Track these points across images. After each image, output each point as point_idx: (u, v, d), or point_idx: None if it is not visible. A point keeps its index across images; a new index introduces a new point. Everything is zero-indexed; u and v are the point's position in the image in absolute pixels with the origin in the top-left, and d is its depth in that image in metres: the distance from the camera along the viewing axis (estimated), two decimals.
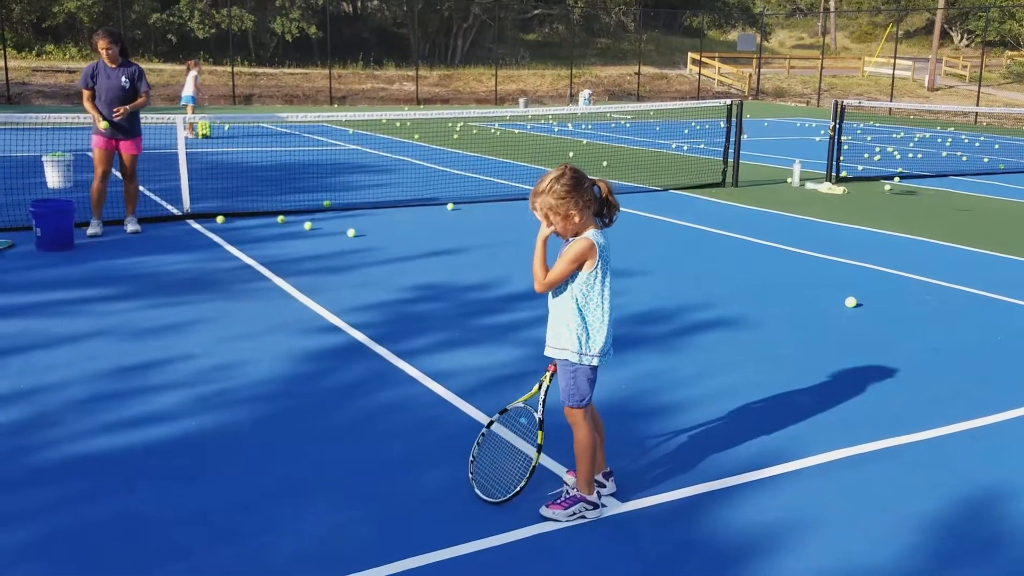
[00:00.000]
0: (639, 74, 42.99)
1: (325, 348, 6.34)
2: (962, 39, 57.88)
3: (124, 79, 9.65)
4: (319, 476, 4.46)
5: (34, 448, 4.67)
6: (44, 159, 13.03)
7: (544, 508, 4.07)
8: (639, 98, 41.25)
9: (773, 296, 7.96)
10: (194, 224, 10.64)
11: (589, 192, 3.88)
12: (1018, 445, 4.99)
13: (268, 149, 18.96)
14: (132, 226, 10.13)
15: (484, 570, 3.67)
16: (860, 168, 17.24)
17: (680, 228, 11.01)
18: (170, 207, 11.53)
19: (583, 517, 4.05)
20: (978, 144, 24.14)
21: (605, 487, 4.28)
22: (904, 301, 7.93)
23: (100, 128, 9.55)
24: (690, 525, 4.05)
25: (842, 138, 15.35)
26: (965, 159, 20.01)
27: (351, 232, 10.12)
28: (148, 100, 9.91)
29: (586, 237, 3.87)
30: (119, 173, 10.07)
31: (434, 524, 4.00)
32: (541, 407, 4.19)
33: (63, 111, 11.07)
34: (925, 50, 52.25)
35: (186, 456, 4.64)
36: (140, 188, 12.12)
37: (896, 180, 15.82)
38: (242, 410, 5.23)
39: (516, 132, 24.12)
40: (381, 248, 9.59)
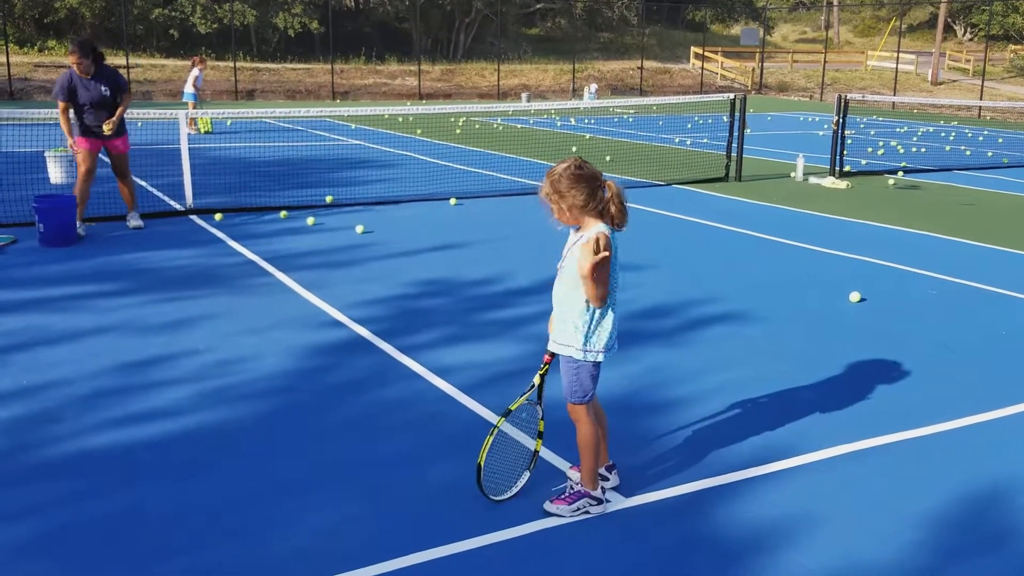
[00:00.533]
0: (642, 68, 42.92)
1: (328, 344, 6.33)
2: (965, 33, 57.73)
3: (104, 87, 9.41)
4: (322, 472, 4.45)
5: (36, 444, 4.67)
6: (46, 155, 13.02)
7: (548, 504, 4.06)
8: (642, 92, 41.19)
9: (777, 291, 7.94)
10: (197, 220, 10.63)
11: (595, 189, 3.86)
12: (1020, 440, 4.96)
13: (270, 144, 18.94)
14: (135, 222, 10.11)
15: (488, 566, 3.66)
16: (864, 162, 17.20)
17: (683, 223, 10.99)
18: (173, 203, 11.53)
19: (587, 512, 4.04)
20: (982, 138, 24.07)
21: (608, 480, 4.27)
22: (908, 296, 7.91)
23: (69, 147, 9.48)
24: (694, 520, 4.04)
25: (845, 132, 15.31)
26: (969, 153, 19.96)
27: (359, 228, 10.08)
28: (128, 99, 9.73)
29: (598, 232, 3.85)
30: (113, 171, 10.03)
31: (437, 520, 3.99)
32: (539, 399, 4.18)
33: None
34: (928, 44, 52.14)
35: (188, 452, 4.63)
36: (143, 183, 12.14)
37: (900, 174, 15.78)
38: (245, 406, 5.22)
39: (519, 127, 24.08)
40: (384, 243, 9.57)
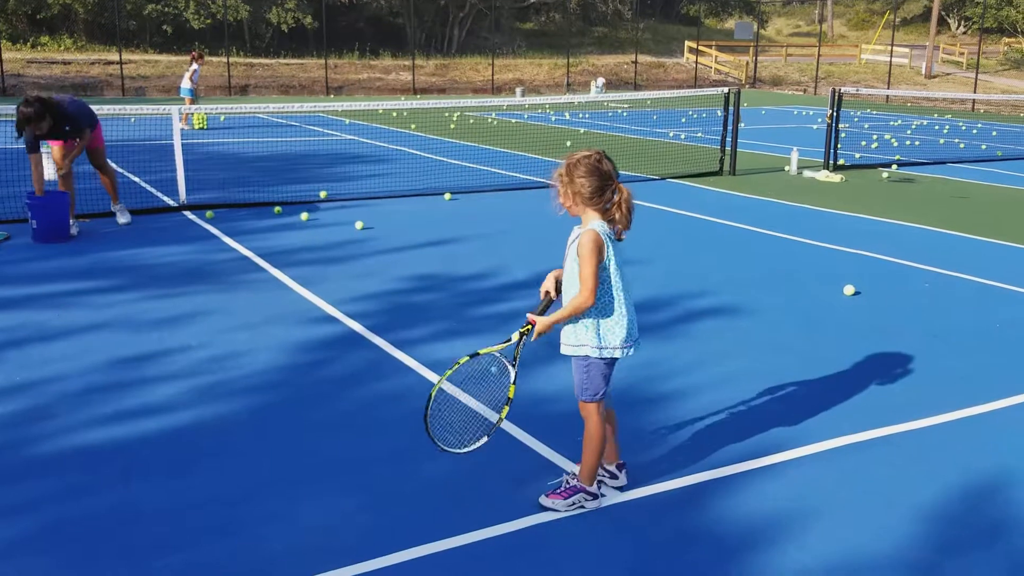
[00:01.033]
0: (636, 63, 42.89)
1: (322, 339, 6.32)
2: (959, 26, 57.79)
3: (67, 127, 9.21)
4: (316, 467, 4.44)
5: (31, 441, 4.65)
6: (41, 150, 12.93)
7: (543, 498, 4.05)
8: (636, 87, 41.16)
9: (771, 284, 7.94)
10: (190, 215, 10.60)
11: (605, 185, 3.86)
12: (1018, 432, 4.97)
13: (264, 140, 18.90)
14: (123, 218, 10.04)
15: (482, 561, 3.65)
16: (857, 156, 17.21)
17: (678, 217, 10.98)
18: (166, 198, 11.49)
19: (582, 507, 4.03)
20: (975, 131, 24.10)
21: (617, 479, 4.26)
22: (902, 289, 7.91)
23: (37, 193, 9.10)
24: (690, 514, 4.04)
25: (839, 126, 15.32)
26: (963, 146, 19.98)
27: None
28: (86, 138, 9.41)
29: (590, 228, 3.86)
30: (92, 165, 9.99)
31: (432, 515, 3.98)
32: (515, 360, 4.04)
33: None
34: (922, 37, 52.18)
35: (183, 448, 4.62)
36: (136, 179, 12.10)
37: (894, 167, 15.80)
38: (239, 401, 5.21)
39: (513, 121, 24.06)
40: (378, 238, 9.55)
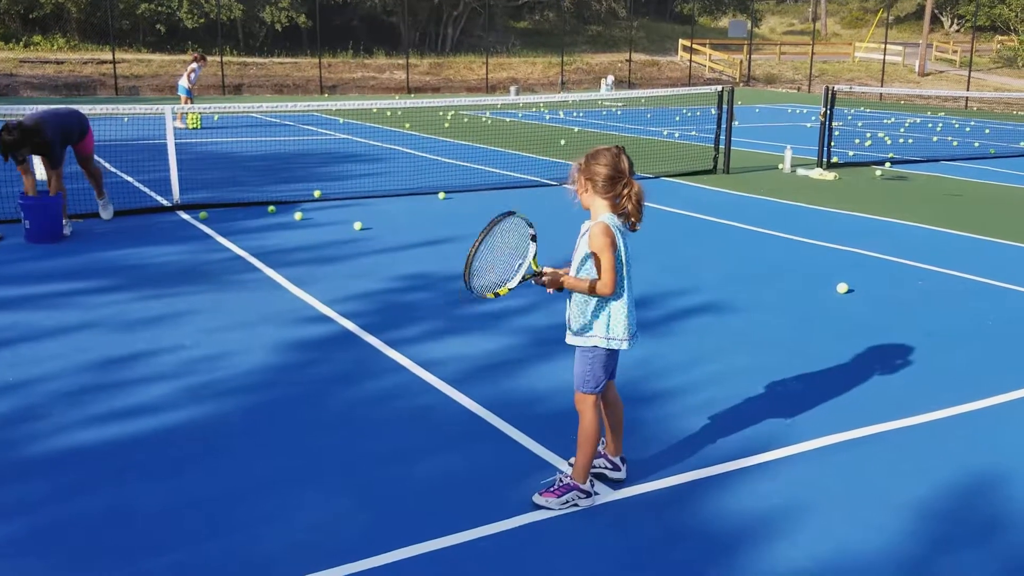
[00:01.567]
0: (630, 61, 42.89)
1: (315, 338, 6.32)
2: (952, 24, 57.90)
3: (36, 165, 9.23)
4: (310, 466, 4.44)
5: (23, 441, 4.65)
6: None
7: (537, 496, 4.06)
8: (630, 85, 41.17)
9: (765, 282, 7.96)
10: (184, 215, 10.59)
11: (619, 176, 3.91)
12: (1011, 429, 4.99)
13: (258, 139, 18.87)
14: (106, 213, 10.14)
15: (477, 559, 3.66)
16: (851, 154, 17.24)
17: (672, 215, 10.99)
18: (160, 198, 11.47)
19: (576, 505, 4.04)
20: (968, 129, 24.15)
21: (619, 470, 4.29)
22: (895, 286, 7.93)
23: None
24: (684, 512, 4.05)
25: (833, 124, 15.34)
26: (956, 144, 20.03)
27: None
28: (60, 175, 9.33)
29: (600, 221, 3.92)
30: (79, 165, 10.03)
31: (426, 514, 3.99)
32: (520, 272, 4.06)
33: (51, 103, 10.94)
34: (916, 35, 52.29)
35: (176, 447, 4.61)
36: (129, 179, 12.08)
37: (887, 165, 15.82)
38: (232, 401, 5.21)
39: (507, 120, 24.05)
40: (372, 238, 9.55)
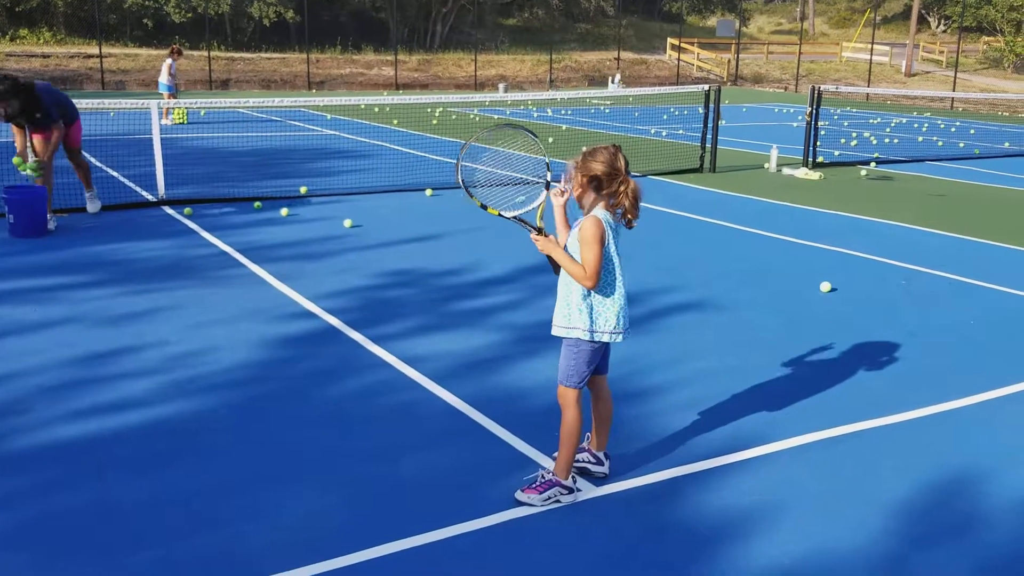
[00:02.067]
0: (619, 59, 42.95)
1: (300, 334, 6.32)
2: (939, 25, 58.17)
3: (38, 114, 8.99)
4: (293, 462, 4.45)
5: (6, 435, 4.63)
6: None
7: (519, 492, 4.08)
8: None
9: (749, 280, 8.00)
10: (169, 210, 10.56)
11: (614, 174, 3.93)
12: (988, 428, 5.04)
13: (244, 135, 18.82)
14: (93, 206, 10.12)
15: (460, 555, 3.68)
16: (837, 153, 17.32)
17: (658, 214, 11.02)
18: (145, 193, 11.43)
19: (558, 501, 4.06)
20: (954, 129, 24.30)
21: (603, 465, 4.32)
22: (878, 285, 7.99)
23: (23, 171, 9.06)
24: (664, 508, 4.08)
25: (819, 123, 15.41)
26: (941, 144, 20.15)
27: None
28: (60, 131, 9.23)
29: (593, 215, 3.96)
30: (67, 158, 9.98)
31: (409, 510, 4.00)
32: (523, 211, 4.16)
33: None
34: (903, 35, 52.51)
35: (160, 443, 4.62)
36: (115, 174, 12.05)
37: (872, 165, 15.91)
38: (216, 396, 5.21)
39: (495, 118, 24.06)
40: (358, 234, 9.55)
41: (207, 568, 3.55)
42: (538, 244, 4.07)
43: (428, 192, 12.02)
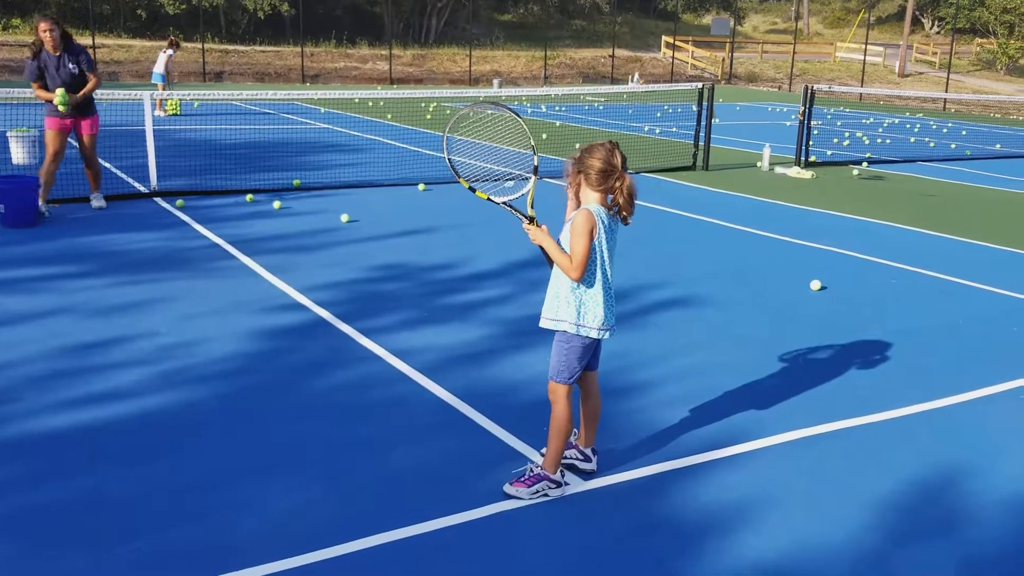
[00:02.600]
0: (613, 56, 42.95)
1: (290, 326, 6.32)
2: (933, 26, 58.32)
3: (71, 64, 9.37)
4: (281, 454, 4.46)
5: None
6: (8, 135, 12.85)
7: (507, 486, 4.10)
8: (613, 81, 41.23)
9: (740, 278, 8.02)
10: (161, 202, 10.54)
11: (611, 170, 3.94)
12: (975, 426, 5.08)
13: (238, 127, 18.79)
14: (97, 202, 10.05)
15: (447, 547, 3.69)
16: (829, 153, 17.37)
17: (650, 211, 11.04)
18: (137, 185, 11.41)
19: (546, 496, 4.08)
20: (946, 130, 24.37)
21: (590, 461, 4.32)
22: (869, 285, 8.02)
23: (57, 104, 9.24)
24: (651, 503, 4.10)
25: (812, 123, 15.45)
26: (933, 145, 20.21)
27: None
28: (99, 81, 9.66)
29: (586, 208, 3.96)
30: (80, 153, 9.93)
31: (397, 502, 4.01)
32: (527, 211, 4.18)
33: (29, 86, 10.74)
34: (896, 36, 52.61)
35: (149, 434, 4.62)
36: (106, 164, 12.01)
37: (864, 165, 15.95)
38: (206, 388, 5.21)
39: (489, 113, 24.00)
40: (350, 228, 9.55)
41: (195, 559, 3.55)
42: (529, 234, 4.07)
43: (421, 187, 12.02)
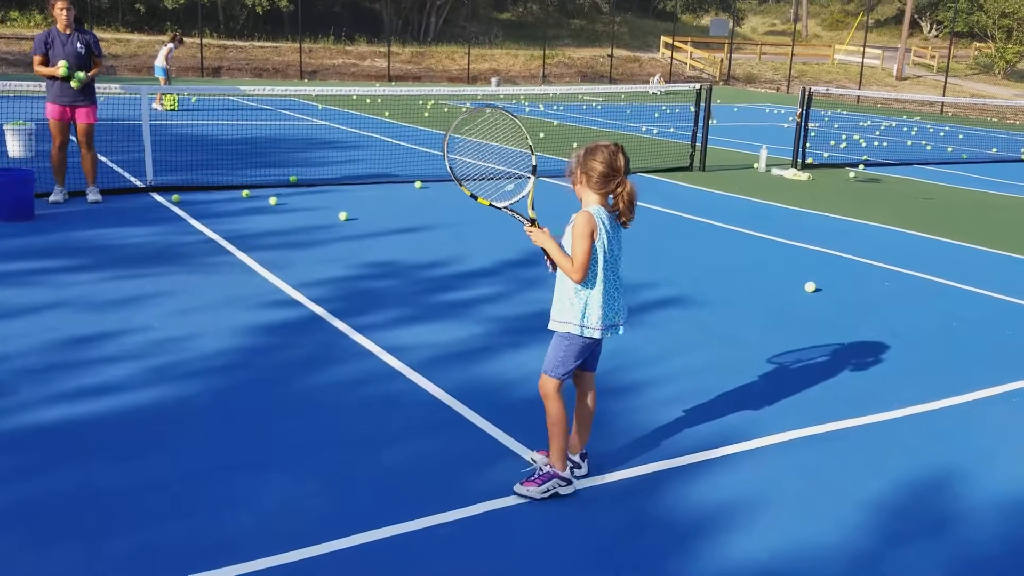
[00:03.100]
0: (612, 56, 42.96)
1: (285, 322, 6.32)
2: (931, 29, 58.40)
3: (80, 45, 9.47)
4: (275, 450, 4.45)
5: None
6: (5, 127, 12.83)
7: (518, 486, 4.08)
8: (611, 81, 41.24)
9: (735, 279, 8.03)
10: (157, 197, 10.52)
11: (614, 173, 3.94)
12: (967, 428, 5.08)
13: (235, 123, 18.77)
14: (93, 195, 10.03)
15: (440, 545, 3.68)
16: (826, 155, 17.39)
17: (646, 211, 11.04)
18: (133, 179, 11.40)
19: (557, 494, 4.07)
20: (943, 134, 24.41)
21: (581, 468, 4.29)
22: (863, 287, 8.03)
23: (60, 74, 9.26)
24: (647, 502, 4.10)
25: (809, 125, 15.47)
26: (929, 148, 20.24)
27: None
28: (103, 66, 9.73)
29: (586, 210, 3.97)
30: (77, 143, 9.93)
31: (390, 498, 4.01)
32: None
33: (26, 79, 10.77)
34: (895, 39, 52.67)
35: (142, 428, 4.61)
36: (102, 159, 11.99)
37: (861, 168, 15.97)
38: (200, 383, 5.20)
39: (487, 111, 23.99)
40: (346, 224, 9.54)
41: (188, 554, 3.55)
42: (532, 236, 4.08)
43: (417, 184, 12.01)
